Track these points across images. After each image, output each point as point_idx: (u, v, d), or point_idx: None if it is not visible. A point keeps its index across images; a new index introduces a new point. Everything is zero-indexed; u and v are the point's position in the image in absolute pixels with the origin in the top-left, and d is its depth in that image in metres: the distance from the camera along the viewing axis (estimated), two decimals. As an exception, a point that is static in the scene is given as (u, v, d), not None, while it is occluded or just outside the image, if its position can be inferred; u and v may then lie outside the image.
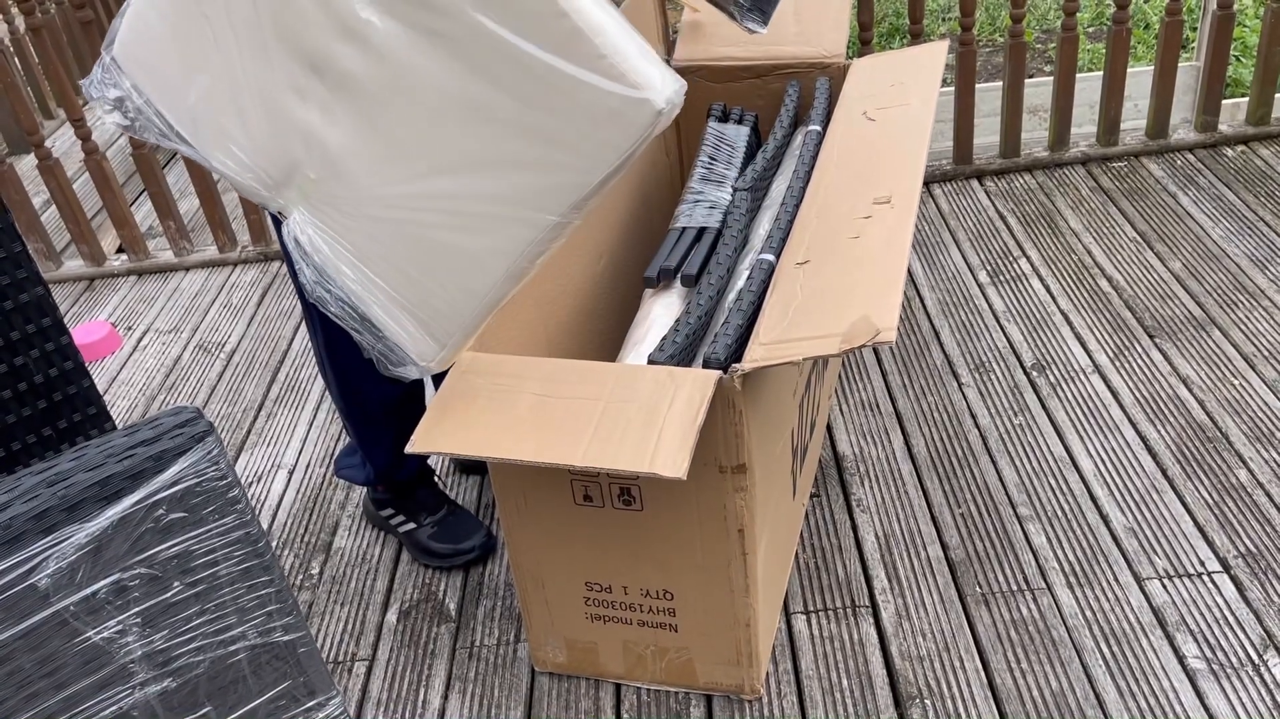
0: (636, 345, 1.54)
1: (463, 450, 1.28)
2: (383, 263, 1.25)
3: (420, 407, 1.84)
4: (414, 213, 1.22)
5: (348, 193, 1.23)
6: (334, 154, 1.22)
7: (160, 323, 2.81)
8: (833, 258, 1.43)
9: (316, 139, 1.22)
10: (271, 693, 1.19)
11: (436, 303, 1.26)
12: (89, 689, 1.06)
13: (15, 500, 0.94)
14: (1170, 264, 2.43)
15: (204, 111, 1.24)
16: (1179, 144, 2.88)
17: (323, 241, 1.26)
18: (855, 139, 1.74)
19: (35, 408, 1.16)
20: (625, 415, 1.24)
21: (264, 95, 1.22)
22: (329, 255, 1.26)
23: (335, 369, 1.77)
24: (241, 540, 1.08)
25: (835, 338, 1.23)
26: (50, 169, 2.93)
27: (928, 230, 2.70)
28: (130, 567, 1.03)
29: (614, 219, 1.93)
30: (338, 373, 1.77)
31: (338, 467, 1.99)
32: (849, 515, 1.90)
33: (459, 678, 1.70)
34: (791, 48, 2.13)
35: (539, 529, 1.52)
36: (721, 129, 1.98)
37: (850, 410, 2.14)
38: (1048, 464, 1.95)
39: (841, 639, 1.68)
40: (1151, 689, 1.54)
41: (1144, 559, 1.74)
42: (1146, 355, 2.17)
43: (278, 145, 1.23)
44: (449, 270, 1.24)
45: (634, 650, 1.60)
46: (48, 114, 4.17)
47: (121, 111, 1.26)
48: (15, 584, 0.96)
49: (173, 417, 1.04)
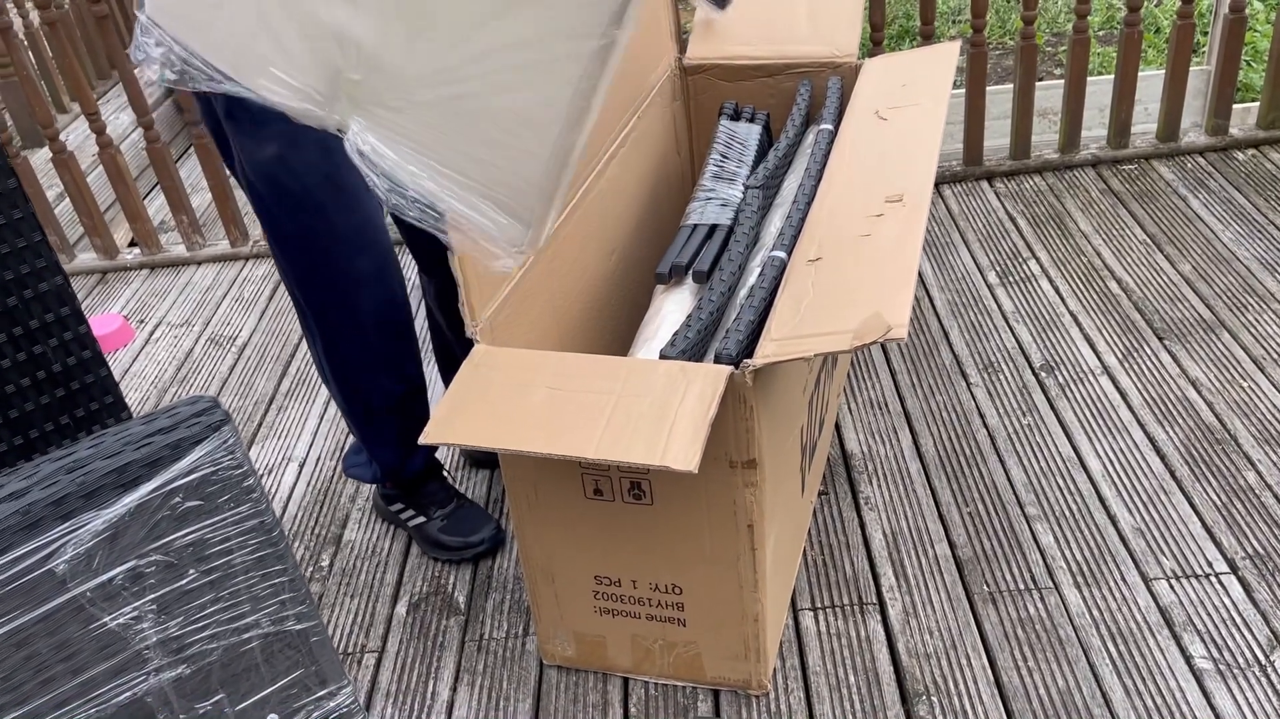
0: (648, 341, 1.55)
1: (476, 442, 1.29)
2: (446, 150, 1.19)
3: (422, 403, 1.85)
4: (456, 85, 1.16)
5: (391, 85, 1.17)
6: (369, 48, 1.16)
7: (172, 316, 2.83)
8: (844, 255, 1.43)
9: (349, 38, 1.17)
10: (283, 681, 1.20)
11: (507, 178, 1.19)
12: (105, 674, 1.07)
13: (34, 486, 0.95)
14: (1180, 266, 2.43)
15: (239, 42, 1.21)
16: (1189, 147, 2.88)
17: (383, 145, 1.21)
18: (867, 138, 1.74)
19: (53, 396, 1.17)
20: (637, 409, 1.24)
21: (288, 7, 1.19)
22: (393, 159, 1.20)
23: (335, 369, 1.76)
24: (256, 529, 1.09)
25: (847, 334, 1.23)
26: (64, 162, 2.94)
27: (937, 231, 2.70)
28: (146, 554, 1.04)
29: (625, 216, 1.93)
30: (337, 373, 1.77)
31: (345, 465, 2.00)
32: (857, 513, 1.90)
33: (468, 670, 1.71)
34: (804, 47, 2.13)
35: (549, 523, 1.53)
36: (733, 127, 1.99)
37: (859, 409, 2.14)
38: (1056, 464, 1.95)
39: (849, 636, 1.68)
40: (1158, 688, 1.54)
41: (1151, 559, 1.74)
42: (1156, 357, 2.17)
43: (315, 56, 1.19)
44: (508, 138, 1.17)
45: (642, 644, 1.60)
46: (61, 108, 4.18)
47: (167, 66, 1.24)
48: (33, 569, 0.97)
49: (189, 406, 1.05)
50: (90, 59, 4.30)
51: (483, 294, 1.43)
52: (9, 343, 1.11)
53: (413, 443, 1.83)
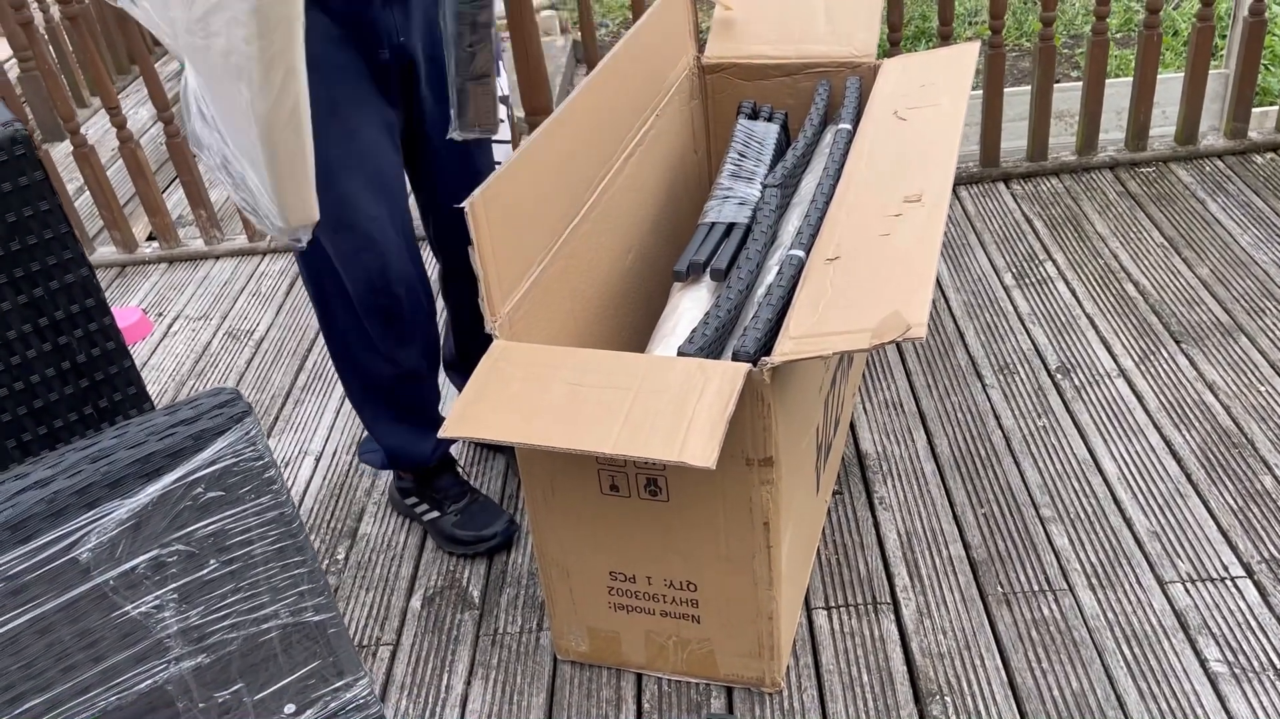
0: (665, 338, 1.55)
1: (494, 436, 1.29)
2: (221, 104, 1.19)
3: (418, 391, 1.85)
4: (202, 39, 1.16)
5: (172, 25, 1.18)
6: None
7: (190, 310, 2.84)
8: (863, 254, 1.43)
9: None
10: (302, 672, 1.20)
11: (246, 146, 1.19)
12: (126, 662, 1.08)
13: (59, 475, 0.96)
14: (1198, 270, 2.43)
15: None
16: (1208, 150, 2.87)
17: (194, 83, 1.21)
18: (886, 138, 1.74)
19: (77, 386, 1.18)
20: (655, 406, 1.25)
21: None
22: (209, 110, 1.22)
23: (334, 340, 1.78)
24: (276, 520, 1.10)
25: (865, 333, 1.24)
26: (85, 155, 2.96)
27: (954, 232, 2.70)
28: (169, 543, 1.04)
29: (642, 214, 1.94)
30: (335, 346, 1.79)
31: (360, 451, 2.01)
32: (871, 513, 1.90)
33: (481, 664, 1.72)
34: (822, 47, 2.14)
35: (565, 518, 1.53)
36: (751, 126, 1.99)
37: (874, 409, 2.14)
38: (1071, 466, 1.95)
39: (862, 635, 1.68)
40: (1173, 691, 1.54)
41: (1167, 563, 1.74)
42: (1172, 360, 2.16)
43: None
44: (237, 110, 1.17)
45: (656, 641, 1.61)
46: (81, 103, 4.21)
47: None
48: (58, 557, 0.98)
49: (212, 397, 1.05)
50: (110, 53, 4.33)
51: (502, 290, 1.44)
52: (35, 333, 1.13)
53: (413, 429, 1.84)
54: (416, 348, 1.78)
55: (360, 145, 1.60)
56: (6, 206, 1.08)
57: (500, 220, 1.41)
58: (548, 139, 1.56)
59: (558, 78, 4.24)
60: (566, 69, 4.51)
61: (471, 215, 1.35)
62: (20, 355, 1.13)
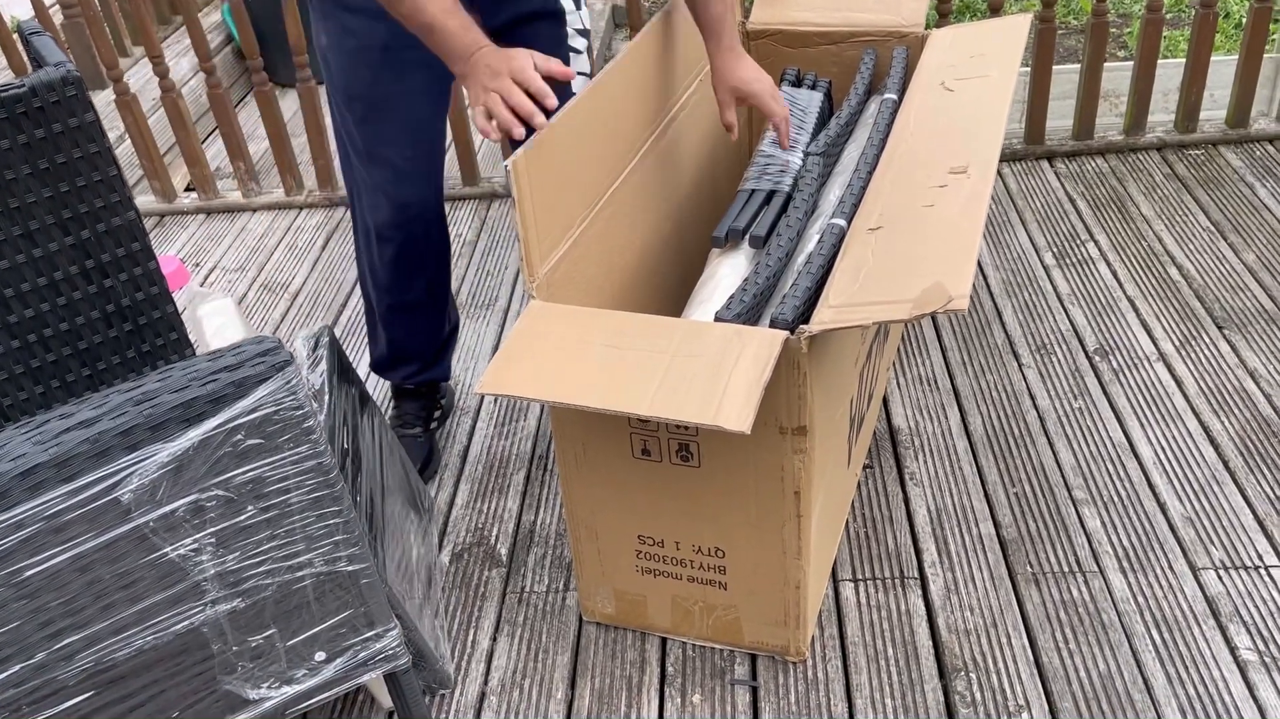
0: (703, 304, 1.55)
1: (530, 394, 1.29)
2: None
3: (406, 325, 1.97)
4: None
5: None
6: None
7: (227, 261, 2.86)
8: (906, 224, 1.42)
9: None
10: (333, 620, 1.22)
11: None
12: (163, 604, 1.09)
13: (104, 416, 0.97)
14: (1244, 255, 2.39)
15: None
16: (1259, 134, 2.82)
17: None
18: (932, 109, 1.72)
19: (121, 330, 1.19)
20: (692, 369, 1.24)
21: None
22: None
23: (358, 246, 1.93)
24: (314, 470, 1.11)
25: (906, 303, 1.22)
26: (127, 104, 2.97)
27: (995, 209, 2.67)
28: (208, 488, 1.05)
29: (681, 180, 1.93)
30: (359, 249, 1.93)
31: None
32: (901, 488, 1.90)
33: (508, 622, 1.73)
34: (870, 15, 2.11)
35: (596, 480, 1.53)
36: (794, 93, 1.97)
37: (908, 385, 2.13)
38: (1106, 449, 1.93)
39: (889, 608, 1.68)
40: (1201, 678, 1.53)
41: (1200, 549, 1.72)
42: (1214, 346, 2.14)
43: None
44: None
45: (682, 605, 1.61)
46: (123, 52, 4.22)
47: None
48: (100, 497, 0.99)
49: (255, 345, 1.06)
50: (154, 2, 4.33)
51: (542, 251, 1.44)
52: (81, 275, 1.13)
53: (394, 351, 2.02)
54: (422, 281, 1.91)
55: (407, 87, 1.71)
56: (57, 148, 1.08)
57: (542, 181, 1.41)
58: (591, 102, 1.55)
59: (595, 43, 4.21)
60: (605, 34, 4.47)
61: (514, 175, 1.35)
62: (67, 296, 1.14)
